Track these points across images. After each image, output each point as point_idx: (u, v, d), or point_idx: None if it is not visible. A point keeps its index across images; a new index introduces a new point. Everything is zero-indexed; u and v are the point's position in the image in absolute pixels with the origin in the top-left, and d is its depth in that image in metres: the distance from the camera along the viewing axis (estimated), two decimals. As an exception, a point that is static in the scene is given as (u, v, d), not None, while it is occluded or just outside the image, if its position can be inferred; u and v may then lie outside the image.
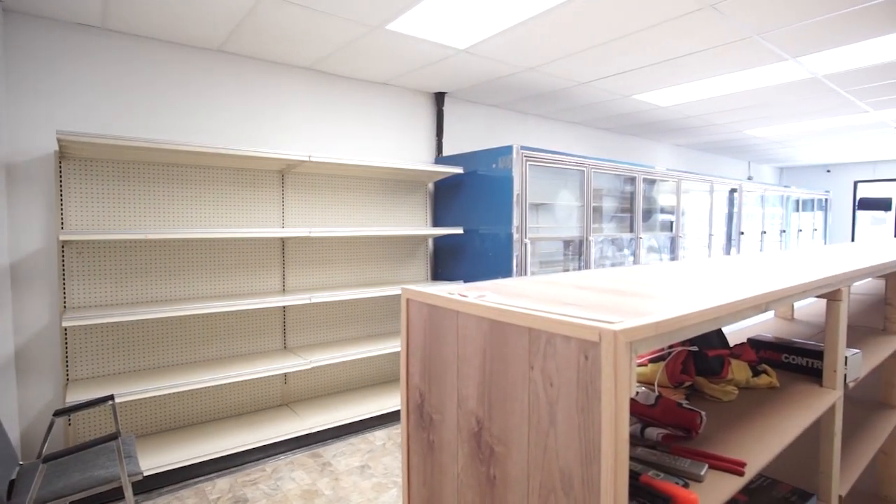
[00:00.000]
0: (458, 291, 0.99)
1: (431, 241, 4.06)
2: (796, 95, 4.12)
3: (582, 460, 0.72)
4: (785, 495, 1.42)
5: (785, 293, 1.07)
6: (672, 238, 5.11)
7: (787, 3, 2.41)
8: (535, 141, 4.88)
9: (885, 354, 1.89)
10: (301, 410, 3.22)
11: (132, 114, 2.81)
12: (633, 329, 0.68)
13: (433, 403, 1.02)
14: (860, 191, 8.51)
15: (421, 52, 3.08)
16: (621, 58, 3.20)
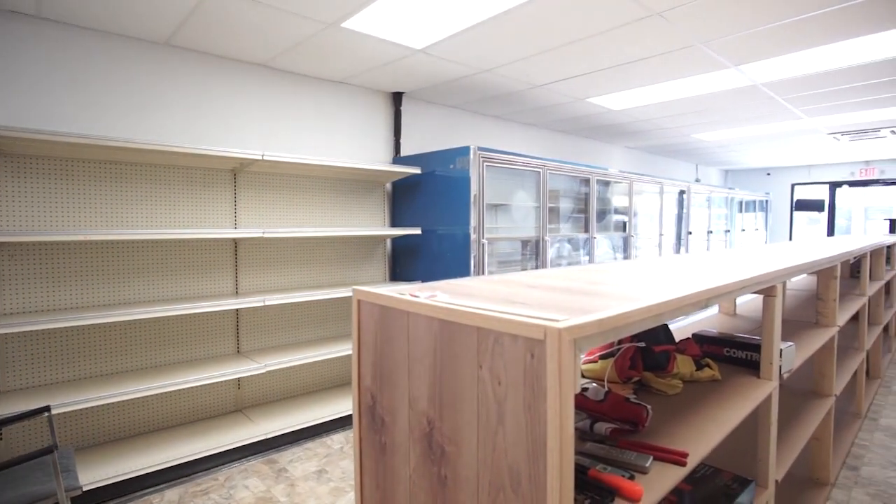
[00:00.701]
0: (409, 291, 0.99)
1: (390, 241, 4.03)
2: (738, 102, 4.33)
3: (529, 457, 0.73)
4: (726, 483, 1.49)
5: (723, 290, 1.12)
6: (625, 238, 5.27)
7: (728, 14, 2.53)
8: (492, 142, 4.93)
9: (817, 346, 2.01)
10: (255, 416, 3.13)
11: (73, 108, 2.66)
12: (577, 326, 0.70)
13: (385, 405, 1.02)
14: (797, 193, 9.03)
15: (377, 51, 3.06)
16: (574, 62, 3.28)
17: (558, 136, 5.81)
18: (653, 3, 2.42)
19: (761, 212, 8.82)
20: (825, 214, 8.73)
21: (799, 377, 2.52)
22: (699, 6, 2.44)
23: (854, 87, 3.85)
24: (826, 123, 5.17)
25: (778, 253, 2.35)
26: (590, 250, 4.69)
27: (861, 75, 3.54)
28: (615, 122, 5.18)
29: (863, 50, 3.02)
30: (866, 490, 2.44)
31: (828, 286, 2.26)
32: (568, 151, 5.95)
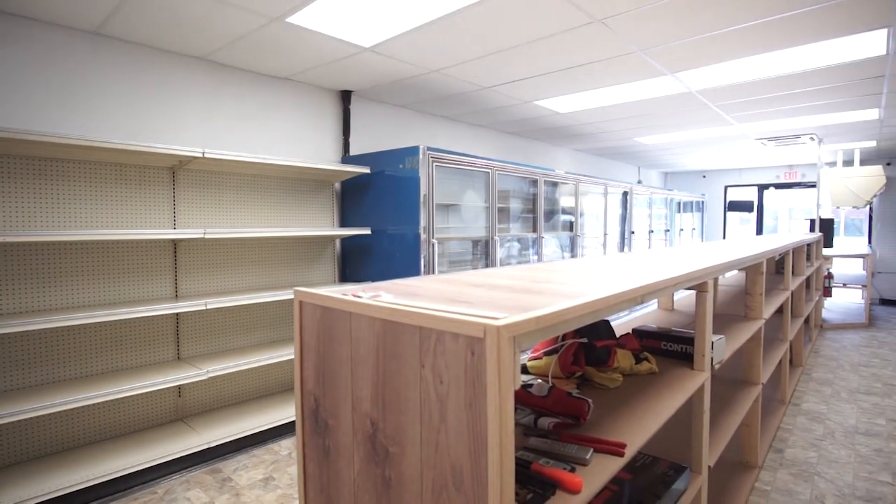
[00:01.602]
0: (352, 292, 0.98)
1: (339, 242, 3.97)
2: (675, 108, 4.55)
3: (471, 454, 0.74)
4: (664, 470, 1.56)
5: (656, 287, 1.17)
6: (572, 237, 5.42)
7: (666, 24, 2.65)
8: (442, 142, 4.95)
9: (746, 338, 2.14)
10: (198, 424, 2.99)
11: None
12: (515, 324, 0.71)
13: (328, 408, 1.00)
14: (729, 194, 9.60)
15: (324, 48, 3.00)
16: (521, 65, 3.34)
17: (507, 138, 5.91)
18: (595, 11, 2.50)
19: (698, 212, 9.30)
20: (755, 214, 9.32)
21: (730, 367, 2.67)
22: (639, 16, 2.54)
23: (778, 97, 4.13)
24: (754, 130, 5.52)
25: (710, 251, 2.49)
26: (538, 250, 4.80)
27: (784, 86, 3.80)
28: (562, 124, 5.32)
29: (786, 62, 3.24)
30: (789, 470, 2.62)
31: (755, 282, 2.41)
32: (517, 153, 6.05)
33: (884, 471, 2.61)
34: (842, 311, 6.94)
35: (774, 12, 2.51)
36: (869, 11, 2.49)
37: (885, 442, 2.95)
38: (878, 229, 7.91)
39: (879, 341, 5.39)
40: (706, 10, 2.49)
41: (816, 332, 5.65)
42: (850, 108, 4.53)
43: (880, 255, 7.83)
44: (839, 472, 2.60)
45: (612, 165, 8.26)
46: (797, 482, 2.51)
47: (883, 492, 2.41)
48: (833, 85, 3.79)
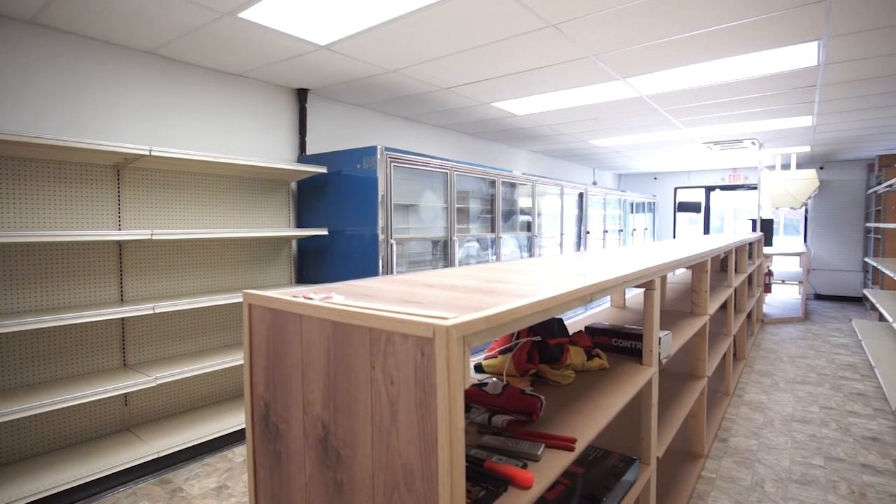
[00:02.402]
0: (303, 294, 0.96)
1: (295, 242, 3.89)
2: (627, 112, 4.70)
3: (422, 454, 0.74)
4: (615, 463, 1.61)
5: (604, 286, 1.21)
6: (530, 237, 5.51)
7: (617, 31, 2.74)
8: (400, 143, 4.93)
9: (692, 333, 2.24)
10: (146, 433, 2.87)
11: None
12: (465, 324, 0.72)
13: (279, 412, 0.98)
14: (679, 195, 10.00)
15: (278, 45, 2.94)
16: (479, 67, 3.37)
17: (466, 139, 5.95)
18: (550, 16, 2.56)
19: (649, 213, 9.65)
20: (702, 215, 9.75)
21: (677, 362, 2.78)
22: (591, 22, 2.61)
23: (722, 103, 4.34)
24: (700, 134, 5.77)
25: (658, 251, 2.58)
26: (497, 250, 4.85)
27: (728, 93, 3.99)
28: (519, 126, 5.40)
29: (729, 70, 3.41)
30: (733, 458, 2.76)
31: (700, 279, 2.53)
32: (476, 154, 6.10)
33: (816, 455, 2.79)
34: (781, 306, 7.35)
35: (717, 23, 2.63)
36: (801, 25, 2.65)
37: (817, 428, 3.14)
38: (812, 229, 8.42)
39: (814, 334, 5.74)
40: (654, 19, 2.58)
41: (758, 327, 5.96)
42: (786, 115, 4.81)
43: (815, 253, 8.34)
44: (777, 458, 2.75)
45: (569, 167, 8.46)
46: (740, 469, 2.64)
47: (815, 475, 2.57)
48: (771, 93, 4.01)
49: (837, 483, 2.49)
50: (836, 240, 8.20)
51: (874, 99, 4.20)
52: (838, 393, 3.77)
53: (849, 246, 8.12)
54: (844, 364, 4.53)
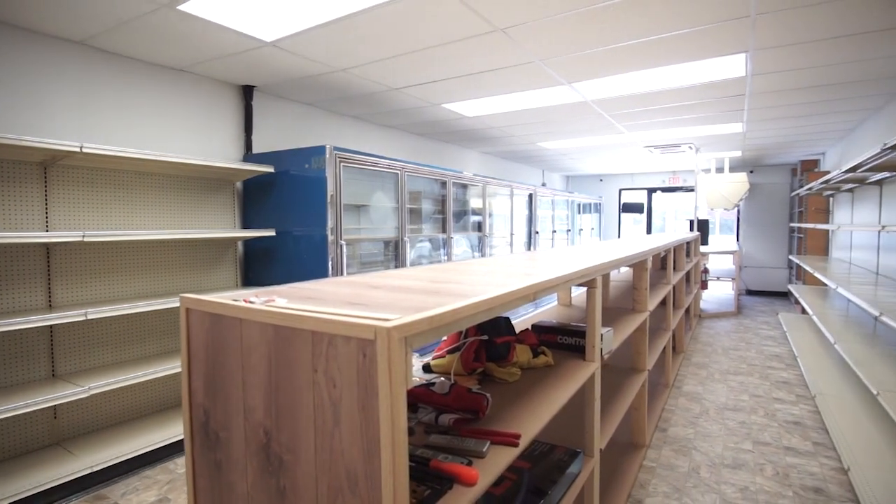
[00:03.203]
0: (244, 297, 0.94)
1: (241, 244, 3.77)
2: (573, 115, 4.85)
3: (365, 456, 0.74)
4: (560, 457, 1.67)
5: (547, 285, 1.25)
6: (481, 237, 5.58)
7: (562, 37, 2.82)
8: (351, 142, 4.88)
9: (633, 329, 2.34)
10: (78, 448, 2.70)
11: None
12: (407, 324, 0.73)
13: (219, 420, 0.95)
14: (623, 197, 10.40)
15: (221, 40, 2.84)
16: (428, 68, 3.39)
17: (418, 140, 5.95)
18: (497, 20, 2.60)
19: (596, 213, 9.98)
20: (645, 215, 10.18)
21: (619, 356, 2.90)
22: (537, 27, 2.68)
23: (661, 109, 4.55)
24: (642, 138, 6.03)
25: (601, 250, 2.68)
26: (448, 250, 4.89)
27: (666, 99, 4.20)
28: (469, 127, 5.46)
29: (666, 78, 3.58)
30: (672, 447, 2.91)
31: (640, 277, 2.64)
32: (427, 154, 6.12)
33: (746, 440, 2.98)
34: (716, 301, 7.79)
35: (654, 33, 2.76)
36: (730, 38, 2.83)
37: (747, 415, 3.36)
38: (744, 229, 8.98)
39: (745, 327, 6.13)
40: (596, 27, 2.68)
41: (695, 321, 6.29)
42: (719, 122, 5.10)
43: (746, 251, 8.89)
44: (711, 445, 2.92)
45: (519, 168, 8.62)
46: (678, 457, 2.78)
47: (745, 458, 2.75)
48: (705, 100, 4.24)
49: (764, 465, 2.67)
50: (765, 239, 8.78)
51: (797, 108, 4.53)
52: (766, 381, 4.04)
53: (776, 244, 8.71)
54: (771, 354, 4.86)
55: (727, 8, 2.45)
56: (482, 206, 5.54)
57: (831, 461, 2.70)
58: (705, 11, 2.49)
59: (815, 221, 6.64)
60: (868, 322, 3.81)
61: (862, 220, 4.87)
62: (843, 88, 3.88)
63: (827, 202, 6.67)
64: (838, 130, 5.63)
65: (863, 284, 3.46)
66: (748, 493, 2.40)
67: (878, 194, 4.34)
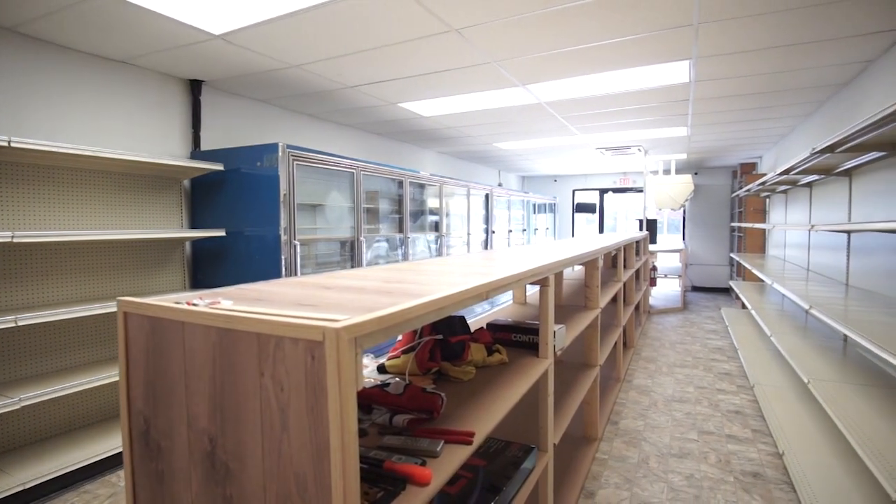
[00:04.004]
0: (187, 300, 0.90)
1: (189, 245, 3.62)
2: (527, 117, 4.93)
3: (314, 460, 0.73)
4: (515, 453, 1.69)
5: (499, 284, 1.27)
6: (438, 237, 5.59)
7: (516, 39, 2.86)
8: (306, 140, 4.78)
9: (585, 325, 2.40)
10: (9, 464, 2.52)
11: None
12: (356, 325, 0.72)
13: (161, 428, 0.91)
14: (577, 197, 10.67)
15: (167, 31, 2.72)
16: (383, 67, 3.36)
17: (375, 139, 5.90)
18: (452, 21, 2.61)
19: (550, 213, 10.19)
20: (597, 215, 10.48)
21: (572, 352, 2.97)
22: (492, 29, 2.71)
23: (612, 112, 4.69)
24: (594, 140, 6.21)
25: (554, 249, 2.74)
26: (405, 250, 4.87)
27: (616, 103, 4.33)
28: (426, 127, 5.46)
29: (616, 82, 3.69)
30: (623, 439, 3.00)
31: (592, 275, 2.72)
32: (384, 154, 6.07)
33: (692, 430, 3.11)
34: (664, 298, 8.11)
35: (604, 38, 2.84)
36: (675, 45, 2.95)
37: (693, 406, 3.51)
38: (689, 228, 9.39)
39: (691, 322, 6.41)
40: (549, 30, 2.73)
41: (645, 317, 6.53)
42: (666, 125, 5.31)
43: (692, 250, 9.31)
44: (660, 436, 3.04)
45: (475, 168, 8.69)
46: (628, 448, 2.88)
47: (691, 448, 2.88)
48: (653, 104, 4.41)
49: (708, 453, 2.80)
50: (708, 238, 9.22)
51: (736, 114, 4.78)
52: (710, 373, 4.24)
53: (718, 243, 9.16)
54: (715, 348, 5.10)
55: (672, 17, 2.56)
56: (439, 205, 5.55)
57: (768, 447, 2.87)
58: (652, 19, 2.59)
59: (753, 221, 7.02)
60: (800, 315, 4.07)
61: (794, 220, 5.20)
62: (777, 96, 4.12)
63: (764, 203, 7.07)
64: (773, 135, 5.98)
65: (795, 280, 3.68)
66: (693, 481, 2.51)
67: (808, 196, 4.64)
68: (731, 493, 2.39)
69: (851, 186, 3.46)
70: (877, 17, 2.54)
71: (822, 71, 3.44)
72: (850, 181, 3.47)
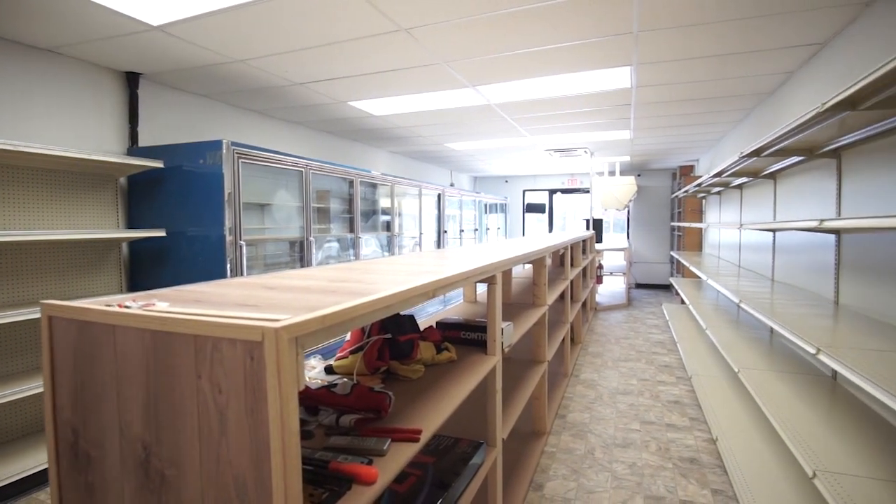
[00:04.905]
0: (119, 302, 0.87)
1: (127, 246, 3.44)
2: (478, 118, 5.00)
3: (254, 463, 0.72)
4: (464, 449, 1.71)
5: (446, 282, 1.28)
6: (390, 237, 5.57)
7: (465, 40, 2.90)
8: (253, 138, 4.64)
9: (532, 322, 2.46)
10: (-84, 486, 2.31)
11: None
12: (297, 324, 0.71)
13: (90, 438, 0.87)
14: (527, 197, 10.89)
15: (100, 20, 2.57)
16: (332, 64, 3.31)
17: (326, 137, 5.80)
18: (401, 20, 2.61)
19: (502, 213, 10.36)
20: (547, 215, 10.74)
21: (521, 349, 3.03)
22: (442, 30, 2.73)
23: (559, 115, 4.83)
24: (542, 142, 6.36)
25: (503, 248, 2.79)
26: (356, 250, 4.82)
27: (563, 106, 4.46)
28: (377, 126, 5.42)
29: (563, 86, 3.80)
30: (570, 432, 3.10)
31: (539, 273, 2.79)
32: (335, 153, 5.99)
33: (634, 421, 3.25)
34: (610, 295, 8.41)
35: (550, 42, 2.92)
36: (617, 52, 3.07)
37: (635, 398, 3.67)
38: (633, 228, 9.79)
39: (634, 317, 6.69)
40: (497, 32, 2.78)
41: (592, 314, 6.75)
42: (610, 129, 5.52)
43: (635, 248, 9.70)
44: (605, 428, 3.15)
45: (428, 169, 8.71)
46: (575, 441, 2.98)
47: (633, 437, 3.00)
48: (598, 108, 4.57)
49: (649, 442, 2.94)
50: (651, 237, 9.64)
51: (675, 119, 5.03)
52: (651, 366, 4.44)
53: (660, 242, 9.59)
54: (656, 342, 5.35)
55: (613, 24, 2.66)
56: (391, 205, 5.53)
57: (704, 433, 3.04)
58: (595, 26, 2.68)
59: (691, 221, 7.41)
60: (733, 309, 4.33)
61: (727, 220, 5.52)
62: (711, 103, 4.37)
63: (700, 203, 7.46)
64: (709, 140, 6.33)
65: (728, 276, 3.92)
66: (635, 469, 2.63)
67: (739, 197, 4.94)
68: (670, 479, 2.52)
69: (776, 188, 3.71)
70: (797, 31, 2.75)
71: (751, 80, 3.68)
72: (775, 183, 3.73)
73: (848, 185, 2.53)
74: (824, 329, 2.01)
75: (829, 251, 2.68)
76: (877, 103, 1.62)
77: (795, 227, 2.15)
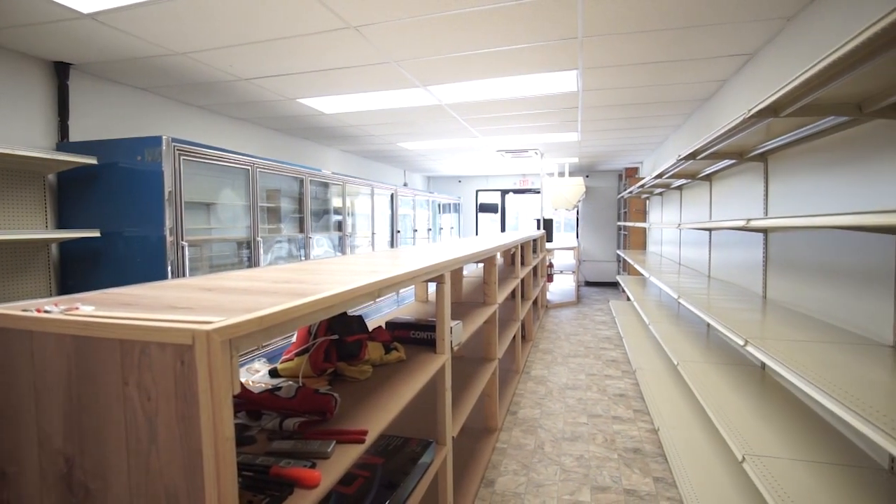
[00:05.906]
0: (38, 306, 0.81)
1: (56, 247, 3.23)
2: (429, 118, 5.00)
3: (186, 472, 0.69)
4: (413, 448, 1.71)
5: (392, 282, 1.28)
6: (342, 237, 5.49)
7: (415, 39, 2.89)
8: (197, 134, 4.46)
9: (483, 321, 2.49)
10: None
11: None
12: (231, 326, 0.69)
13: (5, 453, 0.81)
14: (480, 197, 11.01)
15: (24, 5, 2.40)
16: (278, 60, 3.23)
17: (275, 135, 5.65)
18: (349, 17, 2.58)
19: (455, 213, 10.42)
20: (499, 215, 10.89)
21: (473, 347, 3.07)
22: (391, 28, 2.71)
23: (509, 116, 4.91)
24: (494, 143, 6.44)
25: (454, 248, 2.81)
26: (307, 250, 4.72)
27: (513, 108, 4.53)
28: (328, 125, 5.33)
29: (512, 88, 3.87)
30: (521, 428, 3.16)
31: (490, 272, 2.83)
32: (286, 151, 5.84)
33: (583, 414, 3.35)
34: (560, 293, 8.63)
35: (498, 45, 2.97)
36: (564, 56, 3.15)
37: (584, 392, 3.79)
38: (582, 227, 10.08)
39: (584, 314, 6.89)
40: (449, 33, 2.80)
41: (543, 311, 6.91)
42: (559, 131, 5.66)
43: (584, 247, 9.99)
44: (554, 422, 3.23)
45: (381, 168, 8.64)
46: (526, 436, 3.04)
47: (581, 431, 3.10)
48: (547, 110, 4.67)
49: (596, 435, 3.04)
50: (599, 236, 9.96)
51: (619, 122, 5.21)
52: (599, 361, 4.59)
53: (607, 241, 9.93)
54: (603, 337, 5.53)
55: (559, 29, 2.73)
56: (343, 205, 5.45)
57: (647, 424, 3.17)
58: (542, 29, 2.75)
59: (636, 220, 7.71)
60: (673, 304, 4.54)
61: (668, 220, 5.78)
62: (653, 107, 4.56)
63: (644, 204, 7.78)
64: (651, 143, 6.61)
65: (669, 273, 4.10)
66: (583, 461, 2.71)
67: (679, 198, 5.18)
68: (616, 469, 2.61)
69: (712, 190, 3.92)
70: (728, 42, 2.91)
71: (689, 87, 3.87)
72: (711, 185, 3.94)
73: (774, 187, 2.70)
74: (753, 322, 2.14)
75: (758, 249, 2.86)
76: (797, 110, 1.75)
77: (727, 227, 2.28)
